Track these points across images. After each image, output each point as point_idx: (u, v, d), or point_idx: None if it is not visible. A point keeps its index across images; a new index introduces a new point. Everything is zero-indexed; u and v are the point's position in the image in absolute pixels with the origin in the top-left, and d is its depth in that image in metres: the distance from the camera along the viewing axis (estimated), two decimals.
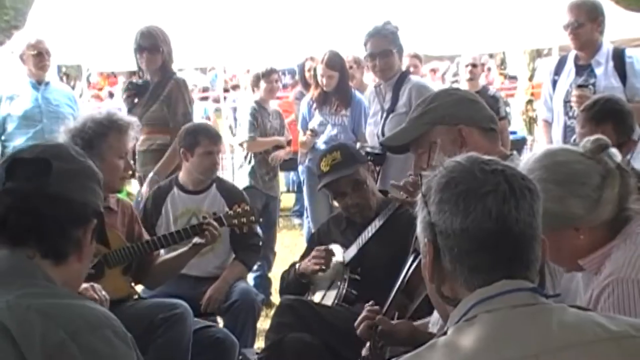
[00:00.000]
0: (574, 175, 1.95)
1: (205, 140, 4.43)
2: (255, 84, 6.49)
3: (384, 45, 4.62)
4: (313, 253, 3.81)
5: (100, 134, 3.48)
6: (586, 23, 4.60)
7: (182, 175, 4.55)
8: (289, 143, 6.67)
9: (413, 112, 2.51)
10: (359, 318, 2.41)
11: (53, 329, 1.54)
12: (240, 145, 6.50)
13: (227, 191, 4.49)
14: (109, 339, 1.60)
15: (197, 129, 4.63)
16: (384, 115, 4.65)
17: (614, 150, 2.00)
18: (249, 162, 6.30)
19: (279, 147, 6.38)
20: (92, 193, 1.79)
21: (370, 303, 2.45)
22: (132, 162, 3.66)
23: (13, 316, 1.54)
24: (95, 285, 3.20)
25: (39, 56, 5.91)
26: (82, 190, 1.76)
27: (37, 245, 1.69)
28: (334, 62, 5.84)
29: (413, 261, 2.37)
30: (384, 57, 4.63)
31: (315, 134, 5.83)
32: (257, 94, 6.48)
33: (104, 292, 3.19)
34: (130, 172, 3.66)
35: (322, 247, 3.80)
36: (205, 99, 16.82)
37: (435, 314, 2.38)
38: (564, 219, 1.93)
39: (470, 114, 2.39)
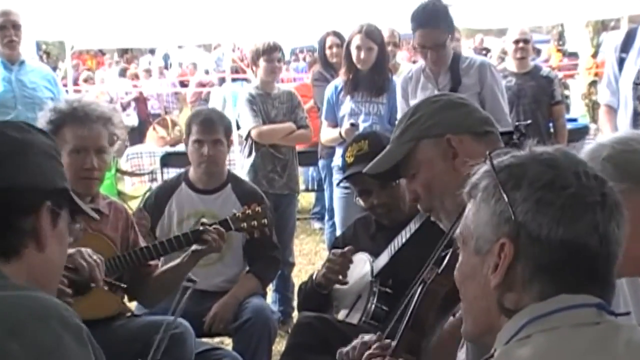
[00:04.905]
0: None
1: (195, 126, 4.41)
2: (254, 62, 6.16)
3: (436, 38, 4.60)
4: (327, 257, 3.78)
5: (57, 124, 3.44)
6: None
7: (191, 170, 4.50)
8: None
9: (395, 130, 2.50)
10: (365, 356, 2.39)
11: None
12: (246, 138, 6.10)
13: (244, 192, 4.42)
14: (54, 331, 1.56)
15: (193, 115, 4.68)
16: None
17: None
18: (248, 156, 6.01)
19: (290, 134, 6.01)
20: (39, 171, 1.76)
21: (379, 337, 2.43)
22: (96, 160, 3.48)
23: None
24: (83, 249, 3.15)
25: (2, 30, 5.78)
26: (19, 173, 1.72)
27: None
28: (374, 34, 5.72)
29: (421, 292, 2.36)
30: (437, 50, 4.64)
31: (357, 127, 5.59)
32: (258, 76, 6.15)
33: (95, 256, 3.15)
34: (98, 172, 3.53)
35: (339, 250, 3.74)
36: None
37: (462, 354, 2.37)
38: None
39: (457, 120, 2.37)
